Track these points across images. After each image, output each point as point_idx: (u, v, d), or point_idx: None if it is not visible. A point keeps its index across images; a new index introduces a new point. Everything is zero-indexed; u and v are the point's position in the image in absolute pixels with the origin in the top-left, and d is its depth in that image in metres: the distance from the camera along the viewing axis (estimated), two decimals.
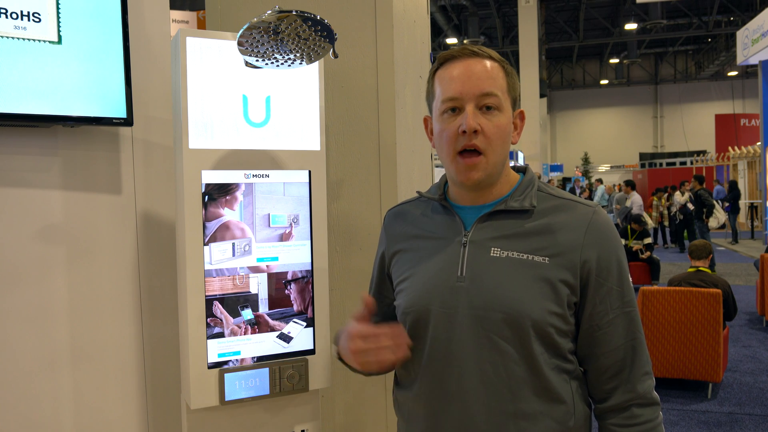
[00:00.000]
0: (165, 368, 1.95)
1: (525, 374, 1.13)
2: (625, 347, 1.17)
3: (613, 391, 1.18)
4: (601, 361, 1.18)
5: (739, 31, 13.58)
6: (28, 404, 1.71)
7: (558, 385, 1.15)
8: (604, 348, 1.17)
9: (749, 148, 17.26)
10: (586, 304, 1.17)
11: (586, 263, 1.15)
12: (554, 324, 1.13)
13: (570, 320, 1.16)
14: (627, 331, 1.17)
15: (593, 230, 1.17)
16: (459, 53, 1.19)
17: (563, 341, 1.16)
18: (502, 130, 1.17)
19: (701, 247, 5.11)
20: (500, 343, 1.13)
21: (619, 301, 1.17)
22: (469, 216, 1.22)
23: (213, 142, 1.61)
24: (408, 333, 1.21)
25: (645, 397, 1.17)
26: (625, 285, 1.18)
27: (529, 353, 1.13)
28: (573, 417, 1.17)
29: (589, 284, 1.16)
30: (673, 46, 28.91)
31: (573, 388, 1.18)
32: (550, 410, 1.14)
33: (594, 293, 1.16)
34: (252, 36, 1.39)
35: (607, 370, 1.18)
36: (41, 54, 1.63)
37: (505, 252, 1.16)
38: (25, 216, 1.70)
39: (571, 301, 1.15)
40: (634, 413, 1.16)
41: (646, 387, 1.17)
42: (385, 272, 1.36)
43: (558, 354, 1.16)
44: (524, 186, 1.23)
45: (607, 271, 1.16)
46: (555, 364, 1.15)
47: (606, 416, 1.19)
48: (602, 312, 1.16)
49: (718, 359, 4.41)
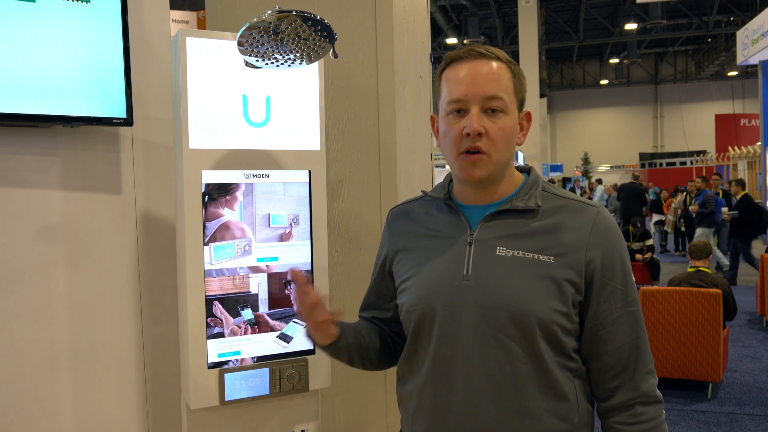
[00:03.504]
0: (165, 368, 1.95)
1: (530, 372, 1.14)
2: (629, 346, 1.18)
3: (616, 389, 1.18)
4: (605, 360, 1.19)
5: (739, 31, 13.57)
6: (28, 404, 1.71)
7: (562, 383, 1.16)
8: (608, 347, 1.18)
9: (749, 148, 17.26)
10: (591, 303, 1.18)
11: (591, 262, 1.16)
12: (559, 322, 1.14)
13: (574, 319, 1.17)
14: (631, 330, 1.18)
15: (598, 230, 1.17)
16: (466, 54, 1.19)
17: (568, 340, 1.17)
18: (506, 132, 1.17)
19: (701, 247, 5.11)
20: (506, 342, 1.14)
21: (623, 301, 1.18)
22: (474, 215, 1.23)
23: (213, 142, 1.61)
24: (413, 331, 1.24)
25: (648, 396, 1.18)
26: (629, 284, 1.19)
27: (534, 351, 1.14)
28: (577, 414, 1.18)
29: (594, 283, 1.17)
30: (673, 46, 28.91)
31: (576, 386, 1.19)
32: (554, 408, 1.16)
33: (598, 292, 1.17)
34: (252, 36, 1.39)
35: (611, 369, 1.19)
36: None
37: (511, 251, 1.17)
38: (25, 216, 1.70)
39: (575, 300, 1.16)
40: (638, 411, 1.17)
41: (649, 385, 1.18)
42: (386, 270, 1.37)
43: (562, 352, 1.17)
44: (529, 186, 1.23)
45: (611, 270, 1.17)
46: (559, 362, 1.16)
47: (609, 414, 1.20)
48: (606, 311, 1.17)
49: (718, 359, 4.41)
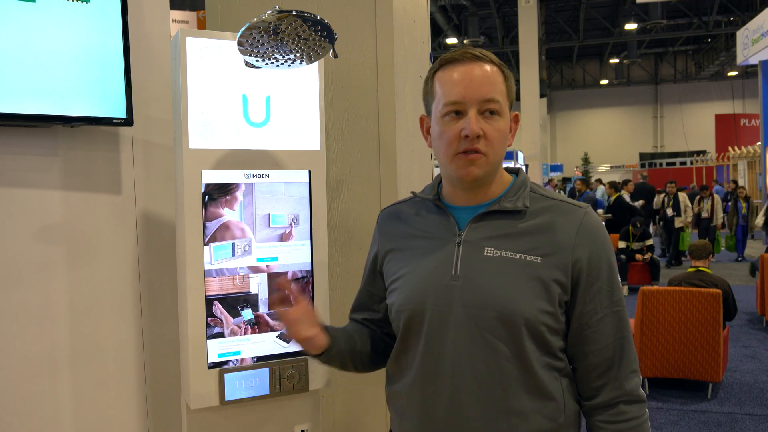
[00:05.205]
0: (165, 368, 1.95)
1: (517, 372, 1.16)
2: (614, 346, 1.20)
3: (601, 388, 1.21)
4: (590, 359, 1.21)
5: (739, 31, 13.58)
6: (28, 404, 1.71)
7: (549, 382, 1.18)
8: (593, 346, 1.20)
9: (749, 148, 17.27)
10: (577, 303, 1.20)
11: (577, 263, 1.18)
12: (546, 322, 1.16)
13: (561, 318, 1.19)
14: (616, 329, 1.20)
15: (584, 231, 1.19)
16: (462, 56, 1.20)
17: (554, 339, 1.19)
18: (502, 133, 1.20)
19: (701, 247, 5.11)
20: (493, 341, 1.16)
21: (609, 301, 1.20)
22: (463, 216, 1.25)
23: (213, 142, 1.61)
24: (402, 330, 1.25)
25: (632, 395, 1.20)
26: (614, 285, 1.22)
27: (521, 351, 1.16)
28: (563, 414, 1.20)
29: (580, 283, 1.19)
30: (673, 46, 28.90)
31: (563, 386, 1.21)
32: (541, 407, 1.17)
33: (584, 292, 1.19)
34: (252, 36, 1.39)
35: (596, 368, 1.21)
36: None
37: (499, 251, 1.19)
38: (25, 216, 1.70)
39: (562, 300, 1.18)
40: (621, 410, 1.19)
41: (633, 384, 1.20)
42: (377, 270, 1.38)
43: (549, 352, 1.19)
44: (517, 187, 1.25)
45: (597, 270, 1.19)
46: (546, 362, 1.18)
47: (594, 413, 1.22)
48: (592, 311, 1.19)
49: (718, 359, 4.41)
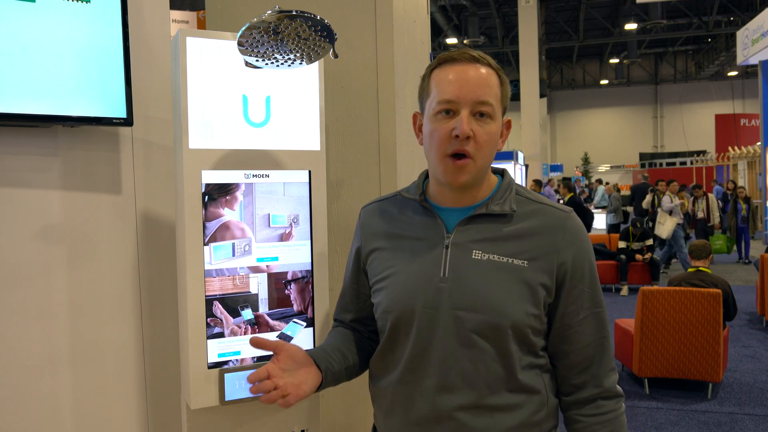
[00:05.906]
0: (165, 368, 1.95)
1: (502, 371, 1.19)
2: (594, 345, 1.24)
3: (581, 385, 1.25)
4: (572, 358, 1.25)
5: (739, 31, 13.59)
6: (28, 404, 1.71)
7: (531, 379, 1.22)
8: (574, 345, 1.24)
9: (749, 148, 17.28)
10: (560, 304, 1.23)
11: (562, 266, 1.21)
12: (531, 325, 1.20)
13: (544, 320, 1.23)
14: (596, 330, 1.25)
15: (568, 234, 1.23)
16: (459, 56, 1.21)
17: (537, 339, 1.23)
18: (492, 137, 1.21)
19: (701, 247, 5.11)
20: (480, 342, 1.18)
21: (590, 302, 1.24)
22: (451, 218, 1.26)
23: (213, 142, 1.61)
24: (390, 330, 1.27)
25: (610, 391, 1.25)
26: (595, 286, 1.26)
27: (506, 352, 1.19)
28: (546, 407, 1.24)
29: (564, 285, 1.22)
30: (673, 46, 28.91)
31: (545, 381, 1.25)
32: (524, 401, 1.21)
33: (567, 294, 1.22)
34: (252, 36, 1.39)
35: (577, 366, 1.25)
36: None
37: (486, 255, 1.21)
38: (25, 216, 1.70)
39: (546, 302, 1.22)
40: (599, 404, 1.25)
41: (611, 381, 1.26)
42: (361, 268, 1.39)
43: (531, 351, 1.22)
44: (503, 190, 1.27)
45: (580, 273, 1.23)
46: (528, 361, 1.22)
47: (573, 407, 1.26)
48: (574, 312, 1.23)
49: (718, 359, 4.41)
